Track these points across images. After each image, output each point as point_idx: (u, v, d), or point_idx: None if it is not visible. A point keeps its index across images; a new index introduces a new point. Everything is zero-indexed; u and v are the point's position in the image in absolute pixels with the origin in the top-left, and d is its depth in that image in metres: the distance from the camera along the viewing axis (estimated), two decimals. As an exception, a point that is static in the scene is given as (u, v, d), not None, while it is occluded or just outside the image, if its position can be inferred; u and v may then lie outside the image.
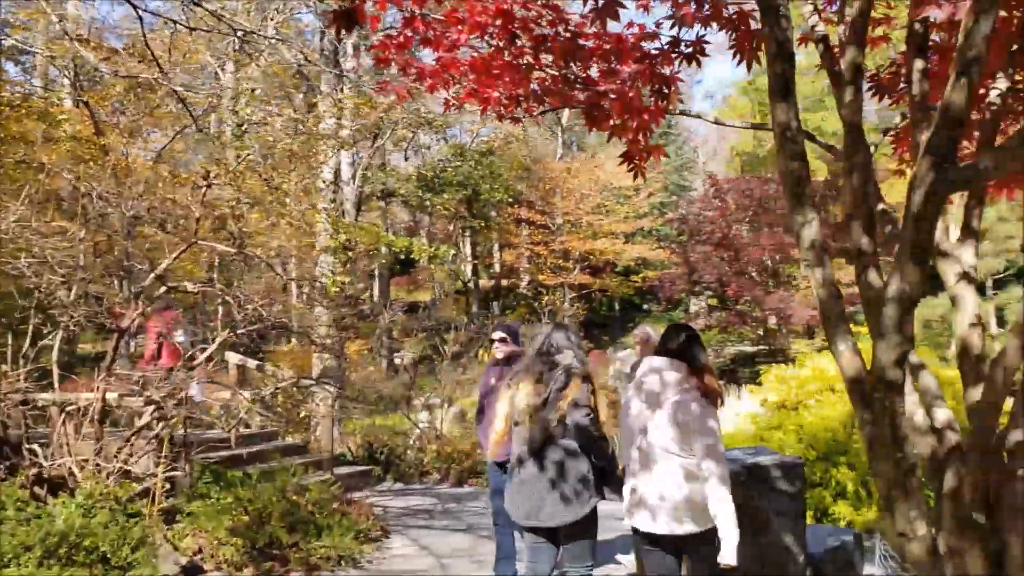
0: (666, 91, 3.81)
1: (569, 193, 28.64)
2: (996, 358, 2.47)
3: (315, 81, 14.12)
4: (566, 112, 35.62)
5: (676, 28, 3.72)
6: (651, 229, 32.26)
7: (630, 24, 4.66)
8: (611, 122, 3.97)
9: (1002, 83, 3.21)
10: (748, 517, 5.39)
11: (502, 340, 6.30)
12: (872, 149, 3.37)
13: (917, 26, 3.13)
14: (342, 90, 14.27)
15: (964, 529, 2.66)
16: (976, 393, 3.00)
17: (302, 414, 13.62)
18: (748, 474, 5.60)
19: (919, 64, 3.12)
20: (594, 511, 4.38)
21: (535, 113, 5.59)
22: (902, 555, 2.66)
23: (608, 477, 4.46)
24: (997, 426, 2.63)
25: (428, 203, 25.47)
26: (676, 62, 3.77)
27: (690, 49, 3.70)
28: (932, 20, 2.98)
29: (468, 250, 34.88)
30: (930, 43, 3.29)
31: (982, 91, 3.84)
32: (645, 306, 36.37)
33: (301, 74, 12.56)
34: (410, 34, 5.19)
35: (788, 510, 5.62)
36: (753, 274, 25.08)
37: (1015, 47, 3.22)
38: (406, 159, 26.39)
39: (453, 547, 7.81)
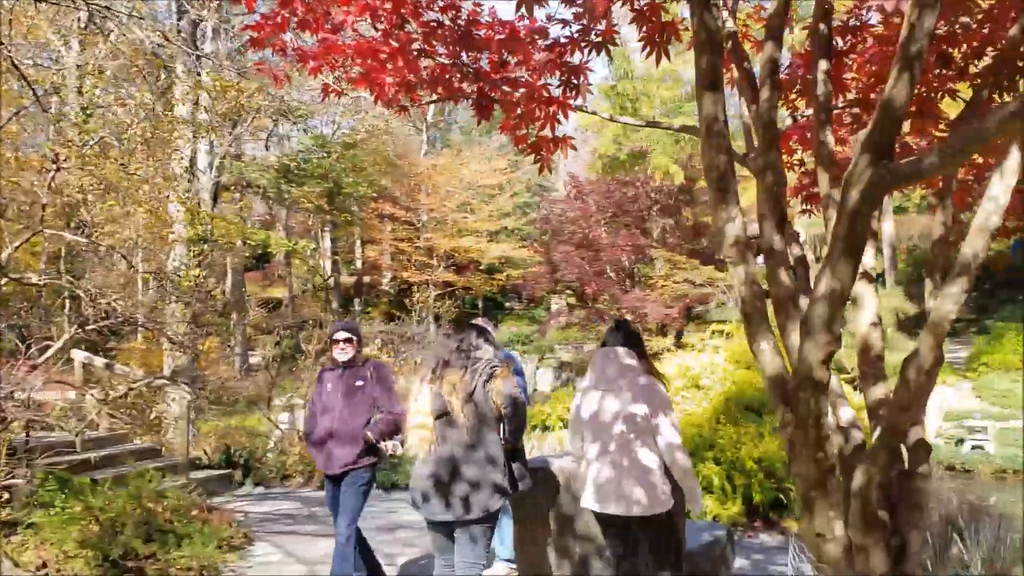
0: (576, 81, 3.71)
1: (434, 190, 28.47)
2: (909, 357, 2.49)
3: (171, 64, 13.33)
4: (432, 108, 35.40)
5: (585, 18, 3.61)
6: (514, 228, 32.49)
7: (521, 17, 4.55)
8: (517, 110, 3.83)
9: (898, 88, 3.29)
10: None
11: (347, 341, 5.78)
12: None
13: (822, 28, 3.16)
14: (199, 74, 13.56)
15: (870, 527, 2.68)
16: (878, 391, 3.05)
17: (153, 415, 12.87)
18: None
19: (823, 65, 3.15)
20: (499, 509, 4.48)
21: (422, 102, 5.42)
22: (818, 555, 2.65)
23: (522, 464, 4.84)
24: (906, 426, 2.67)
25: (287, 195, 24.69)
26: (586, 51, 3.67)
27: (599, 38, 3.60)
28: (843, 22, 3.00)
29: (328, 245, 34.09)
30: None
31: (872, 96, 3.95)
32: (507, 304, 36.61)
33: (157, 56, 11.80)
34: (287, 15, 4.93)
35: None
36: (611, 274, 25.61)
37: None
38: (267, 148, 25.49)
39: (322, 553, 7.48)
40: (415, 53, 4.52)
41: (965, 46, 3.94)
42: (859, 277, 3.17)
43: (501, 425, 4.54)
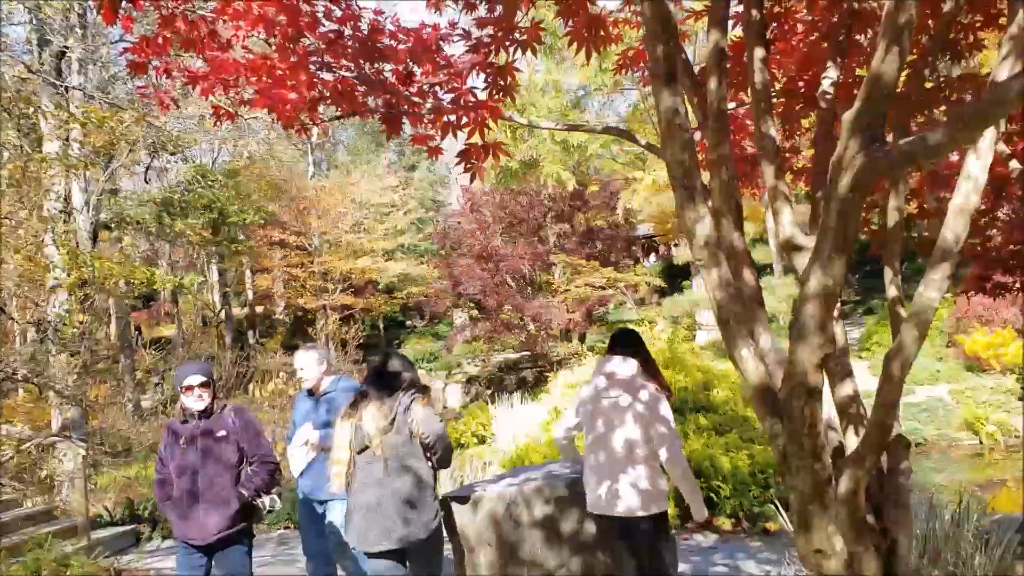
0: (503, 83, 3.46)
1: (325, 212, 27.78)
2: (893, 351, 2.36)
3: (36, 99, 12.48)
4: (316, 130, 34.59)
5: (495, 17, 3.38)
6: (411, 245, 32.10)
7: (424, 25, 4.32)
8: (443, 118, 3.56)
9: (832, 72, 3.20)
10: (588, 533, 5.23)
11: (203, 386, 5.01)
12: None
13: (754, 14, 3.03)
14: (69, 107, 12.75)
15: (860, 533, 2.54)
16: (846, 388, 2.92)
17: (44, 474, 12.00)
18: (582, 488, 5.41)
19: (759, 53, 3.02)
20: (440, 525, 4.53)
21: (325, 120, 5.12)
22: (818, 573, 2.48)
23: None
24: (894, 424, 2.54)
25: (170, 229, 23.63)
26: (511, 49, 3.42)
27: (524, 36, 3.38)
28: (767, 8, 2.88)
29: (216, 278, 32.92)
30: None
31: (800, 84, 3.87)
32: (408, 323, 36.08)
33: (19, 91, 11.01)
34: (169, 35, 4.58)
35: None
36: (512, 283, 25.53)
37: (841, 37, 3.23)
38: (147, 182, 24.37)
39: (248, 606, 7.01)
40: (316, 66, 4.22)
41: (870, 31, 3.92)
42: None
43: (425, 452, 4.47)
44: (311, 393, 5.69)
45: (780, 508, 7.84)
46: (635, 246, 33.36)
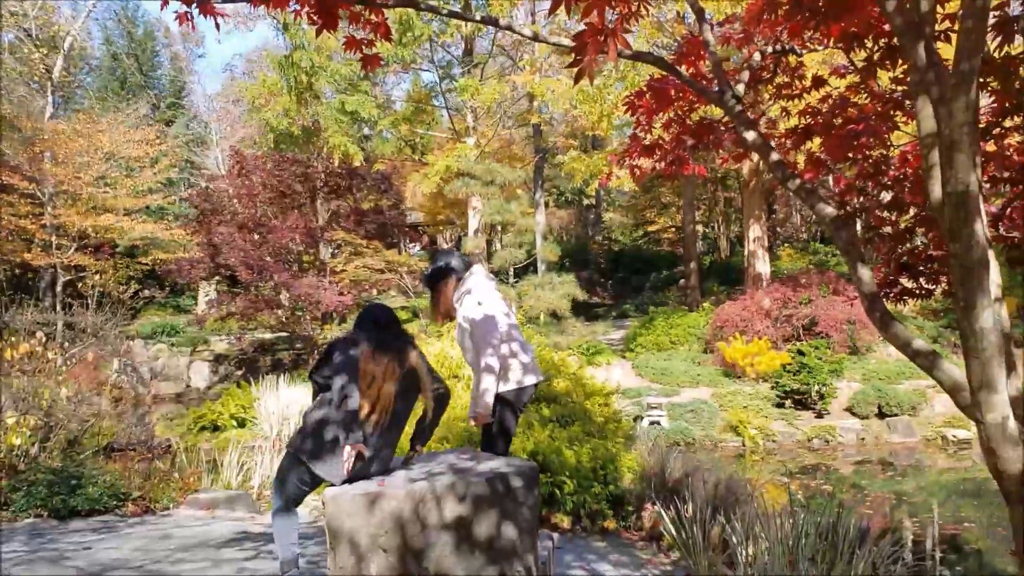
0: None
1: (67, 159, 24.28)
2: None
3: None
4: (59, 64, 30.52)
5: None
6: (158, 207, 29.03)
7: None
8: None
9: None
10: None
11: None
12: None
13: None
14: None
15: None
16: (1013, 385, 2.41)
17: None
18: (501, 486, 4.62)
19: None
20: None
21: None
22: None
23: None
24: None
25: None
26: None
27: None
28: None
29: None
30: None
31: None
32: (146, 292, 32.56)
33: None
34: None
35: (528, 525, 4.77)
36: (271, 259, 23.58)
37: None
38: None
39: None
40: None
41: None
42: (976, 247, 2.52)
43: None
44: None
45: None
46: (403, 233, 32.52)
